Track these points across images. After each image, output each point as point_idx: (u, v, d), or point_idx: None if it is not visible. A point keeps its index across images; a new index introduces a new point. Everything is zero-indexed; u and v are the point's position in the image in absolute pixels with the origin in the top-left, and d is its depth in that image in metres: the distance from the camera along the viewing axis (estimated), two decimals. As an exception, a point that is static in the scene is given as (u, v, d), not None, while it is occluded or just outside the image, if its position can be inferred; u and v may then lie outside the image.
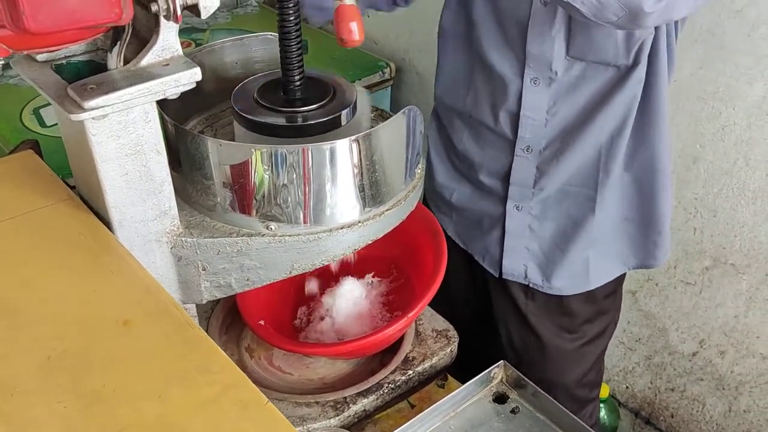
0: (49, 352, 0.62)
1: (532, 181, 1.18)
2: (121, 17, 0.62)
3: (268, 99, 0.88)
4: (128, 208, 0.77)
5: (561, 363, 1.32)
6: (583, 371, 1.34)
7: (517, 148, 1.16)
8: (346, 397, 1.00)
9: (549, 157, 1.16)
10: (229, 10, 2.49)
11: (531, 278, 1.26)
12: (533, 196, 1.19)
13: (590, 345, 1.32)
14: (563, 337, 1.29)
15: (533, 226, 1.22)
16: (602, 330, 1.32)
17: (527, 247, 1.24)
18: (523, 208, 1.21)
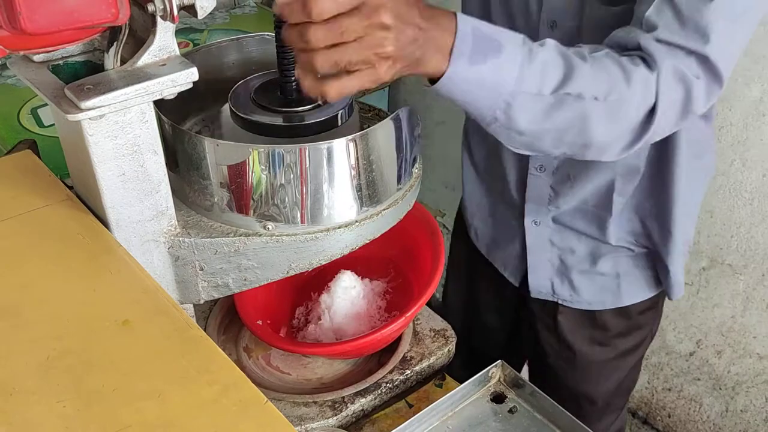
0: (49, 351, 0.62)
1: (547, 200, 1.16)
2: (117, 17, 0.62)
3: (265, 99, 0.88)
4: (125, 209, 0.77)
5: (591, 374, 1.29)
6: (617, 381, 1.31)
7: (531, 166, 1.14)
8: (344, 397, 1.00)
9: (562, 178, 1.13)
10: (227, 11, 2.49)
11: (558, 293, 1.23)
12: (549, 212, 1.17)
13: (624, 358, 1.28)
14: (594, 348, 1.26)
15: (554, 240, 1.19)
16: (637, 343, 1.28)
17: (550, 260, 1.21)
18: (541, 223, 1.19)
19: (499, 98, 0.78)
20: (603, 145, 0.85)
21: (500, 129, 0.82)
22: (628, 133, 0.84)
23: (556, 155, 0.89)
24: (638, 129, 0.84)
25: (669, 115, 0.84)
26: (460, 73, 0.75)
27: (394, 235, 0.94)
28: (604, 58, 0.82)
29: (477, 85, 0.76)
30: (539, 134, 0.83)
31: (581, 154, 0.87)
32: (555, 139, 0.84)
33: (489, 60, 0.75)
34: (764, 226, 1.52)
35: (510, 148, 0.87)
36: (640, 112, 0.83)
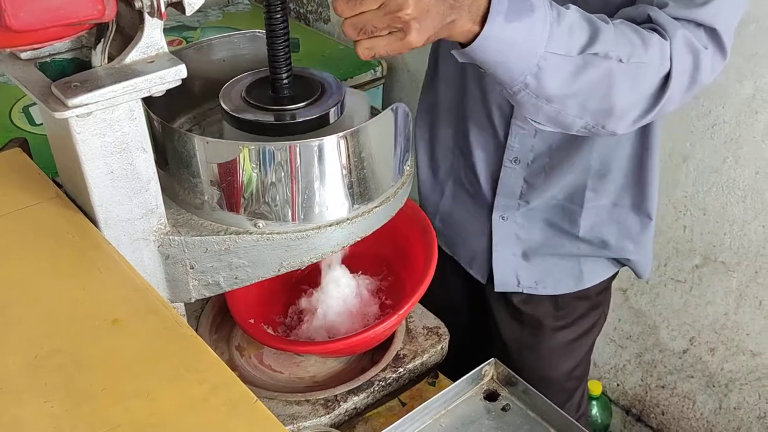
0: (37, 350, 0.62)
1: (519, 194, 1.17)
2: (104, 14, 0.61)
3: (256, 97, 0.88)
4: (114, 207, 0.77)
5: (554, 358, 1.32)
6: (573, 364, 1.34)
7: (505, 159, 1.15)
8: (337, 395, 0.99)
9: (537, 170, 1.14)
10: (221, 9, 2.48)
11: (523, 284, 1.25)
12: (519, 207, 1.19)
13: (582, 338, 1.32)
14: (557, 332, 1.30)
15: (520, 234, 1.21)
16: (593, 323, 1.33)
17: (514, 253, 1.23)
18: (508, 218, 1.20)
19: (531, 61, 0.80)
20: (623, 110, 0.88)
21: (528, 97, 0.84)
22: (646, 100, 0.88)
23: (576, 129, 0.90)
24: (655, 95, 0.88)
25: (680, 84, 0.88)
26: (496, 32, 0.77)
27: (386, 232, 0.93)
28: (621, 24, 0.86)
29: (511, 44, 0.78)
30: (566, 100, 0.85)
31: (602, 123, 0.89)
32: (580, 106, 0.86)
33: (523, 19, 0.78)
34: (757, 224, 1.52)
35: (533, 122, 0.89)
36: (657, 78, 0.86)
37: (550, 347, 1.30)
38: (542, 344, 1.30)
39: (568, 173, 1.13)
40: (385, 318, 0.99)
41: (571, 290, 1.25)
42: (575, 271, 1.23)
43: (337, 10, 0.74)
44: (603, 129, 0.90)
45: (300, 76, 0.90)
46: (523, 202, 1.18)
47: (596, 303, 1.30)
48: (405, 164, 0.92)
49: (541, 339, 1.30)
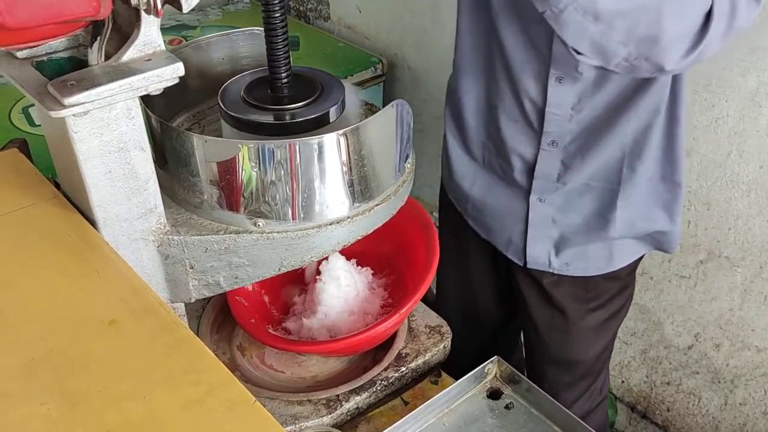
0: (33, 352, 0.61)
1: (556, 176, 1.18)
2: (99, 11, 0.61)
3: (255, 97, 0.87)
4: (113, 207, 0.76)
5: (585, 341, 1.33)
6: (603, 346, 1.35)
7: (543, 142, 1.15)
8: (339, 395, 0.99)
9: (574, 152, 1.15)
10: (220, 7, 2.48)
11: (554, 265, 1.26)
12: (556, 189, 1.19)
13: (612, 320, 1.33)
14: (588, 315, 1.30)
15: (556, 218, 1.22)
16: (623, 304, 1.33)
17: (550, 236, 1.24)
18: (546, 201, 1.21)
19: None
20: (669, 41, 0.88)
21: (574, 15, 0.84)
22: (690, 35, 0.89)
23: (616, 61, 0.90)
24: (698, 32, 0.89)
25: (719, 26, 0.89)
26: None
27: (387, 230, 0.93)
28: None
29: None
30: (614, 20, 0.85)
31: (646, 53, 0.89)
32: (627, 29, 0.86)
33: None
34: (762, 218, 1.51)
35: (573, 52, 0.89)
36: (702, 12, 0.88)
37: (580, 329, 1.31)
38: (573, 326, 1.30)
39: (604, 152, 1.14)
40: (387, 317, 0.98)
41: (602, 272, 1.25)
42: (606, 252, 1.24)
43: None
44: (646, 62, 0.90)
45: (300, 75, 0.90)
46: (561, 184, 1.19)
47: (625, 284, 1.31)
48: (406, 162, 0.91)
49: (572, 321, 1.30)
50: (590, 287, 1.28)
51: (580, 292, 1.28)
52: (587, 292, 1.28)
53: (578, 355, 1.33)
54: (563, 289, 1.28)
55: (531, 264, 1.27)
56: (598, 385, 1.41)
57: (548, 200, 1.21)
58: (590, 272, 1.25)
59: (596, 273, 1.26)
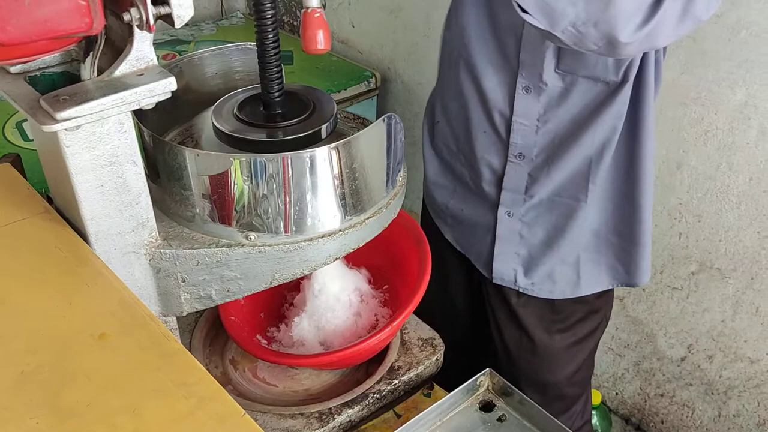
0: (23, 366, 0.61)
1: (524, 188, 1.19)
2: (91, 27, 0.61)
3: (248, 114, 0.88)
4: (104, 220, 0.76)
5: (552, 362, 1.32)
6: (573, 369, 1.34)
7: (510, 155, 1.17)
8: (331, 408, 0.99)
9: (541, 164, 1.16)
10: (215, 22, 2.49)
11: (520, 283, 1.26)
12: (524, 202, 1.20)
13: (581, 343, 1.32)
14: (554, 336, 1.30)
15: (523, 233, 1.23)
16: (593, 328, 1.32)
17: (517, 252, 1.25)
18: (513, 215, 1.22)
19: None
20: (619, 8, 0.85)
21: None
22: (641, 9, 0.86)
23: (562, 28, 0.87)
24: (650, 7, 0.86)
25: (673, 8, 0.87)
26: None
27: (379, 243, 0.93)
28: None
29: None
30: None
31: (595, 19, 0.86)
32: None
33: None
34: (752, 230, 1.52)
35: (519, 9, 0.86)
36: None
37: (548, 351, 1.31)
38: (540, 347, 1.30)
39: (569, 165, 1.15)
40: (380, 330, 0.98)
41: (567, 296, 1.26)
42: (573, 276, 1.24)
43: None
44: (594, 29, 0.87)
45: (292, 93, 0.90)
46: (528, 197, 1.19)
47: (595, 308, 1.30)
48: (397, 175, 0.92)
49: (539, 342, 1.30)
50: (556, 309, 1.28)
51: (545, 313, 1.28)
52: (553, 313, 1.28)
53: (547, 377, 1.32)
54: (530, 309, 1.28)
55: (497, 279, 1.27)
56: (577, 409, 1.40)
57: (516, 214, 1.21)
58: (556, 294, 1.25)
59: (562, 296, 1.25)
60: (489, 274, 1.29)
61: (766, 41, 1.34)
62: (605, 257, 1.23)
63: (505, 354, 1.34)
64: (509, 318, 1.31)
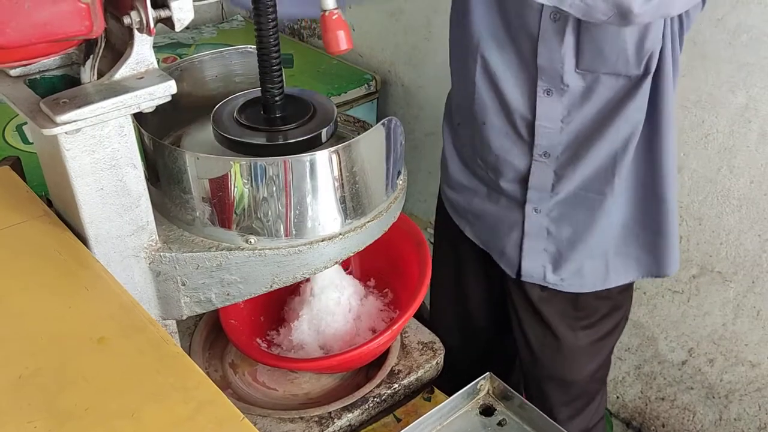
0: (22, 370, 0.61)
1: (551, 185, 1.19)
2: (91, 30, 0.61)
3: (248, 118, 0.88)
4: (104, 224, 0.76)
5: (576, 359, 1.32)
6: (596, 367, 1.34)
7: (535, 154, 1.17)
8: (331, 412, 0.98)
9: (566, 162, 1.17)
10: (215, 25, 2.49)
11: (549, 279, 1.26)
12: (551, 198, 1.20)
13: (604, 340, 1.32)
14: (578, 333, 1.30)
15: (551, 229, 1.23)
16: (615, 324, 1.33)
17: (546, 249, 1.24)
18: (541, 211, 1.22)
19: None
20: None
21: None
22: None
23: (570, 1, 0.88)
24: None
25: None
26: None
27: (380, 247, 0.93)
28: None
29: None
30: None
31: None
32: None
33: None
34: (753, 233, 1.51)
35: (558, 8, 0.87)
36: None
37: (572, 348, 1.30)
38: (564, 345, 1.30)
39: (596, 160, 1.14)
40: (380, 333, 0.98)
41: (596, 288, 1.25)
42: (602, 270, 1.24)
43: None
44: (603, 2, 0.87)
45: (292, 97, 0.90)
46: (554, 194, 1.19)
47: (618, 303, 1.31)
48: (398, 178, 0.92)
49: (564, 339, 1.30)
50: (580, 306, 1.28)
51: (569, 310, 1.28)
52: (577, 310, 1.28)
53: (571, 374, 1.33)
54: (553, 306, 1.28)
55: (525, 277, 1.27)
56: (595, 405, 1.40)
57: (543, 210, 1.21)
58: (586, 288, 1.25)
59: (591, 290, 1.25)
60: (513, 271, 1.28)
61: (766, 44, 1.34)
62: (633, 249, 1.23)
63: (527, 351, 1.34)
64: (532, 315, 1.30)
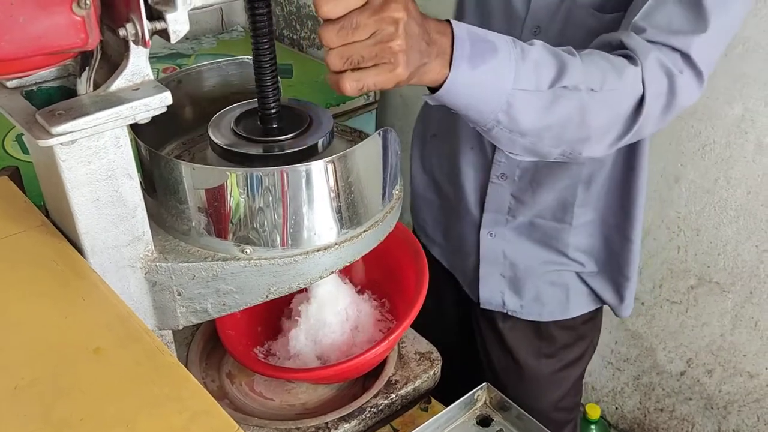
0: (18, 380, 0.61)
1: (506, 208, 1.17)
2: (87, 42, 0.62)
3: (244, 129, 0.88)
4: (100, 234, 0.76)
5: (538, 387, 1.30)
6: (559, 396, 1.32)
7: (492, 175, 1.15)
8: (328, 423, 0.98)
9: (524, 186, 1.15)
10: (215, 36, 2.50)
11: (508, 306, 1.25)
12: (507, 223, 1.19)
13: (568, 369, 1.31)
14: (540, 361, 1.28)
15: (507, 253, 1.21)
16: (580, 355, 1.31)
17: (502, 274, 1.23)
18: (496, 235, 1.20)
19: (501, 99, 0.79)
20: (599, 136, 0.88)
21: (502, 133, 0.83)
22: (621, 124, 0.87)
23: (554, 157, 0.90)
24: (629, 119, 0.87)
25: (655, 107, 0.87)
26: (462, 77, 0.76)
27: (377, 256, 0.93)
28: (591, 54, 0.86)
29: (479, 87, 0.78)
30: (541, 133, 0.84)
31: (579, 150, 0.89)
32: (555, 137, 0.85)
33: (487, 61, 0.77)
34: (750, 244, 1.52)
35: (510, 154, 0.89)
36: (631, 102, 0.86)
37: (533, 376, 1.29)
38: (526, 372, 1.29)
39: (556, 188, 1.13)
40: (377, 343, 0.98)
41: (556, 318, 1.24)
42: (562, 298, 1.22)
43: (325, 39, 0.70)
44: (580, 155, 0.90)
45: (288, 107, 0.91)
46: (511, 218, 1.18)
47: (582, 334, 1.29)
48: (394, 188, 0.92)
49: (525, 366, 1.28)
50: (542, 334, 1.26)
51: (532, 337, 1.27)
52: (539, 339, 1.27)
53: (533, 402, 1.29)
54: (517, 332, 1.27)
55: (484, 303, 1.26)
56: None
57: (499, 234, 1.20)
58: (545, 317, 1.24)
59: (551, 319, 1.24)
60: (476, 296, 1.27)
61: (762, 56, 1.35)
62: (592, 281, 1.22)
63: (492, 376, 1.32)
64: (497, 341, 1.29)
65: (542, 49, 0.82)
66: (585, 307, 1.24)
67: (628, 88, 0.85)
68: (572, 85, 0.82)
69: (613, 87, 0.84)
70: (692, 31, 0.86)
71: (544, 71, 0.81)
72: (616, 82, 0.84)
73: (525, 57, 0.80)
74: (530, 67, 0.80)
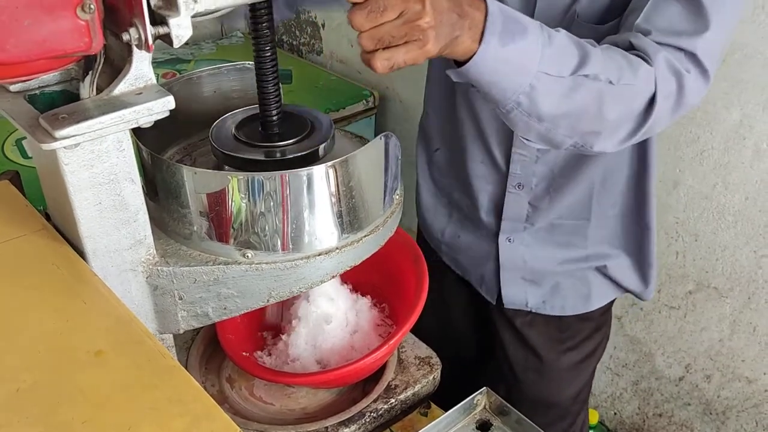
0: (19, 384, 0.61)
1: (524, 216, 1.19)
2: (90, 46, 0.62)
3: (246, 134, 0.88)
4: (102, 238, 0.77)
5: (559, 381, 1.32)
6: (579, 387, 1.34)
7: (509, 185, 1.16)
8: (328, 427, 0.98)
9: (541, 193, 1.16)
10: (215, 41, 2.51)
11: (531, 304, 1.26)
12: (524, 229, 1.20)
13: (586, 361, 1.32)
14: (562, 355, 1.30)
15: (526, 257, 1.22)
16: (597, 344, 1.33)
17: (523, 277, 1.24)
18: (515, 240, 1.21)
19: (525, 80, 0.80)
20: (611, 131, 0.89)
21: (520, 116, 0.84)
22: (633, 120, 0.89)
23: (565, 147, 0.91)
24: (641, 116, 0.89)
25: (665, 106, 0.89)
26: (491, 52, 0.77)
27: (377, 261, 0.93)
28: (609, 49, 0.88)
29: (506, 65, 0.79)
30: (557, 120, 0.86)
31: (591, 143, 0.90)
32: (571, 126, 0.87)
33: (517, 41, 0.78)
34: (748, 249, 1.52)
35: (524, 139, 0.90)
36: (644, 99, 0.87)
37: (555, 370, 1.30)
38: (547, 367, 1.30)
39: (572, 192, 1.15)
40: (376, 348, 0.98)
41: (579, 312, 1.25)
42: (584, 291, 1.24)
43: (355, 23, 0.71)
44: (591, 149, 0.91)
45: (289, 113, 0.91)
46: (529, 225, 1.19)
47: (599, 324, 1.31)
48: (395, 193, 0.92)
49: (546, 361, 1.30)
50: (564, 327, 1.28)
51: (553, 332, 1.28)
52: (561, 332, 1.28)
53: (554, 397, 1.32)
54: (537, 329, 1.28)
55: (507, 304, 1.27)
56: (577, 427, 1.40)
57: (517, 239, 1.21)
58: (567, 311, 1.25)
59: (573, 312, 1.25)
60: (494, 298, 1.28)
61: (760, 62, 1.36)
62: (613, 271, 1.23)
63: (511, 374, 1.33)
64: (516, 339, 1.30)
65: (566, 38, 0.84)
66: (607, 298, 1.26)
67: (642, 85, 0.87)
68: (593, 74, 0.83)
69: (628, 82, 0.85)
70: (695, 30, 0.88)
71: (567, 58, 0.83)
72: (631, 78, 0.86)
73: (551, 42, 0.81)
74: (555, 52, 0.81)
